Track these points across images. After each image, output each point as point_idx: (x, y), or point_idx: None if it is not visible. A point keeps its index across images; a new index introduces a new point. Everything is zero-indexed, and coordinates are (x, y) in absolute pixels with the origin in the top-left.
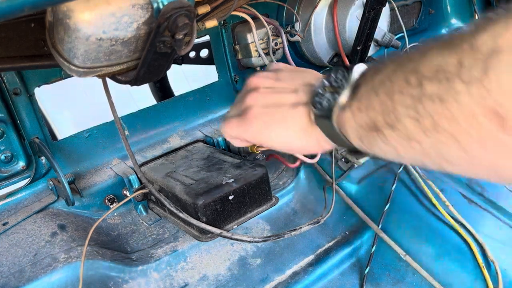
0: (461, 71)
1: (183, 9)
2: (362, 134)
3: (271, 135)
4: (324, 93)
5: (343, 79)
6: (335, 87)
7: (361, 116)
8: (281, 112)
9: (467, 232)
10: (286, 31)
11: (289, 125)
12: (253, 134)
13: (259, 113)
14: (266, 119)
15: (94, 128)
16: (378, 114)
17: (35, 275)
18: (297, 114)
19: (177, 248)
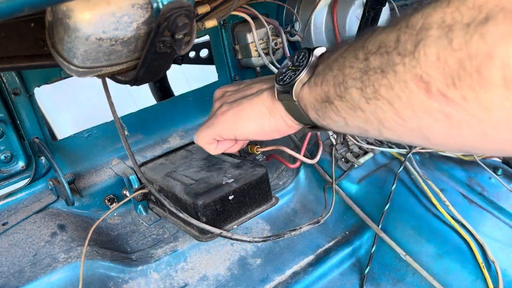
0: (398, 46)
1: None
2: (317, 106)
3: (241, 125)
4: (286, 72)
5: (303, 59)
6: (297, 65)
7: (316, 90)
8: (247, 100)
9: (467, 232)
10: (286, 31)
11: (256, 109)
12: (224, 129)
13: (227, 108)
14: (235, 110)
15: (94, 128)
16: (331, 87)
17: (35, 275)
18: (262, 98)
19: (177, 248)
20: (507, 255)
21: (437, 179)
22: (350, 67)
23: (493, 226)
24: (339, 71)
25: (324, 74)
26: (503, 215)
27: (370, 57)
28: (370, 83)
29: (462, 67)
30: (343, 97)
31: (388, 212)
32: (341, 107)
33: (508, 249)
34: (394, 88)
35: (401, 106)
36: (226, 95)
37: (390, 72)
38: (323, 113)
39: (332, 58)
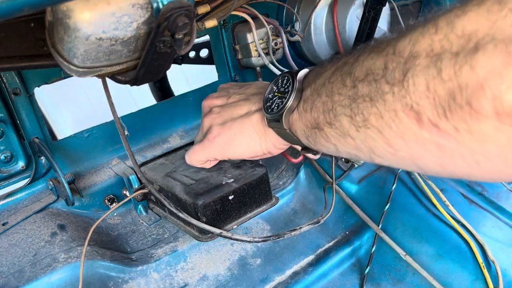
0: (386, 74)
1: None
2: (307, 132)
3: (235, 148)
4: (273, 98)
5: (288, 83)
6: (282, 92)
7: (306, 116)
8: (237, 124)
9: (467, 232)
10: (286, 31)
11: (247, 134)
12: (218, 152)
13: (219, 131)
14: (227, 135)
15: (94, 128)
16: (320, 113)
17: (35, 275)
18: (252, 121)
19: (177, 248)
20: (507, 255)
21: (437, 179)
22: (338, 94)
23: (493, 226)
24: (327, 98)
25: (313, 100)
26: (503, 215)
27: (358, 85)
28: (359, 111)
29: (453, 98)
30: (332, 124)
31: (388, 212)
32: (331, 134)
33: (508, 249)
34: (384, 117)
35: (392, 135)
36: (214, 112)
37: (380, 101)
38: (313, 139)
39: (319, 82)
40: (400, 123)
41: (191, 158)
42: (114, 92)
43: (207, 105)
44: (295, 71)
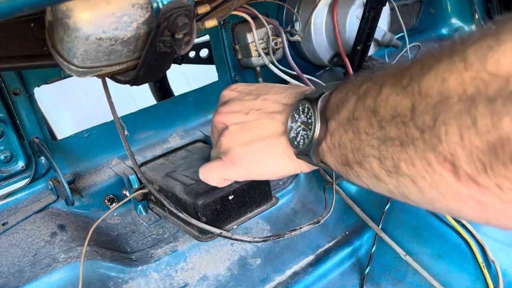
0: (415, 117)
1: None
2: (339, 168)
3: (264, 171)
4: (297, 129)
5: (310, 113)
6: (305, 122)
7: (335, 152)
8: (266, 146)
9: (468, 232)
10: (286, 30)
11: (279, 157)
12: (243, 175)
13: (243, 153)
14: (254, 158)
15: (93, 128)
16: (349, 151)
17: (35, 275)
18: (282, 144)
19: (177, 248)
20: (507, 255)
21: None
22: (365, 133)
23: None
24: (354, 136)
25: (340, 135)
26: None
27: (385, 126)
28: (389, 155)
29: (494, 153)
30: (362, 164)
31: (388, 212)
32: (361, 174)
33: (508, 249)
34: (416, 165)
35: (426, 185)
36: (233, 131)
37: (410, 147)
38: (345, 174)
39: (343, 115)
40: (433, 173)
41: (208, 176)
42: (114, 92)
43: (221, 122)
44: (314, 98)
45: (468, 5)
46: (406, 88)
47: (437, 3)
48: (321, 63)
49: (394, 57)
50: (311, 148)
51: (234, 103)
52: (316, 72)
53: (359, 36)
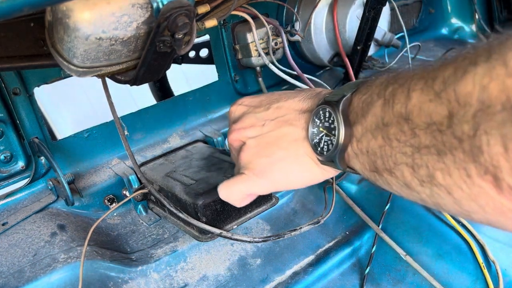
0: (452, 125)
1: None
2: (367, 174)
3: (291, 180)
4: (320, 135)
5: (332, 118)
6: (328, 128)
7: (363, 158)
8: (288, 156)
9: (468, 232)
10: (286, 30)
11: (305, 164)
12: (269, 186)
13: (266, 164)
14: (277, 168)
15: (93, 128)
16: (378, 158)
17: (35, 276)
18: (304, 153)
19: (177, 248)
20: (508, 255)
21: None
22: (397, 140)
23: None
24: (384, 142)
25: (368, 141)
26: None
27: (419, 133)
28: (423, 163)
29: None
30: (392, 172)
31: (388, 212)
32: (391, 182)
33: (508, 249)
34: (453, 175)
35: (463, 197)
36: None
37: (448, 155)
38: (374, 181)
39: (370, 120)
40: (472, 185)
41: (230, 193)
42: (114, 92)
43: (237, 139)
44: (334, 101)
45: (468, 5)
46: (439, 94)
47: (437, 3)
48: (321, 63)
49: (394, 57)
50: (337, 155)
51: (246, 117)
52: (316, 72)
53: (359, 36)
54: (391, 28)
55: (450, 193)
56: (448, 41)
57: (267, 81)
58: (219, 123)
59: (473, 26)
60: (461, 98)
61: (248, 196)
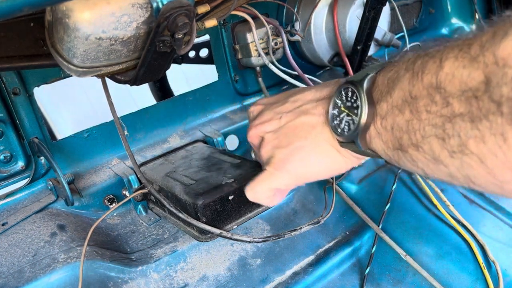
0: (490, 89)
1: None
2: (389, 153)
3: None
4: (340, 115)
5: (354, 97)
6: (349, 107)
7: (386, 135)
8: (309, 142)
9: (468, 232)
10: (286, 30)
11: (325, 152)
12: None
13: (286, 155)
14: (299, 157)
15: (93, 128)
16: (404, 133)
17: (35, 276)
18: (326, 136)
19: (176, 248)
20: (508, 255)
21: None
22: (427, 111)
23: (493, 226)
24: (412, 115)
25: (393, 117)
26: (504, 215)
27: (453, 102)
28: (455, 132)
29: None
30: (419, 146)
31: (388, 212)
32: (417, 158)
33: (508, 249)
34: (487, 142)
35: (497, 165)
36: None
37: (483, 122)
38: (397, 160)
39: (396, 95)
40: (509, 150)
41: (256, 193)
42: (114, 92)
43: (256, 135)
44: (358, 80)
45: (468, 5)
46: (476, 58)
47: (437, 3)
48: (321, 63)
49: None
50: (358, 134)
51: (264, 113)
52: (316, 72)
53: (359, 36)
54: (391, 28)
55: (483, 162)
56: None
57: (267, 81)
58: (219, 123)
59: (473, 26)
60: (500, 60)
61: (277, 192)
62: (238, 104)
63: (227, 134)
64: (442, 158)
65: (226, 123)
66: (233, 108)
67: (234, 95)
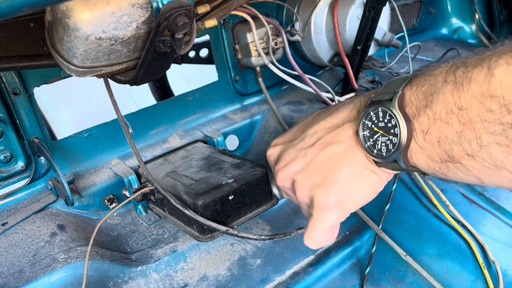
0: None
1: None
2: (435, 166)
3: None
4: (374, 136)
5: (388, 117)
6: (384, 127)
7: (431, 149)
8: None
9: (468, 232)
10: (286, 30)
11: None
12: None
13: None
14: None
15: (93, 128)
16: (455, 144)
17: (35, 276)
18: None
19: (176, 248)
20: (508, 255)
21: (438, 179)
22: (482, 120)
23: (493, 226)
24: (464, 126)
25: (438, 130)
26: (504, 215)
27: None
28: None
29: None
30: (476, 156)
31: (388, 212)
32: (472, 167)
33: (508, 249)
34: None
35: None
36: (301, 180)
37: None
38: (444, 172)
39: (438, 108)
40: None
41: (317, 239)
42: (114, 92)
43: (285, 179)
44: (387, 99)
45: (468, 5)
46: None
47: (437, 3)
48: (321, 63)
49: (394, 57)
50: (401, 153)
51: (286, 154)
52: (316, 72)
53: (359, 36)
54: (391, 28)
55: None
56: (448, 41)
57: (267, 81)
58: (219, 123)
59: (473, 26)
60: None
61: (333, 228)
62: (238, 104)
63: (227, 134)
64: (508, 165)
65: (226, 123)
66: (233, 108)
67: (234, 95)
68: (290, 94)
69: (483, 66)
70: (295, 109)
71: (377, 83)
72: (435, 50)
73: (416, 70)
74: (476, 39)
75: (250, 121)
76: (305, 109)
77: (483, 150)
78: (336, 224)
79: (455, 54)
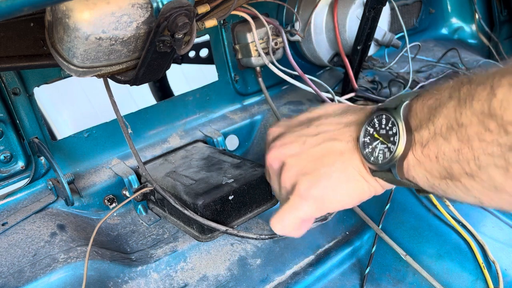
0: None
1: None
2: (433, 181)
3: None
4: (373, 143)
5: (390, 124)
6: (384, 135)
7: (431, 164)
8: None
9: (468, 232)
10: (286, 30)
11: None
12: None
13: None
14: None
15: (93, 128)
16: (454, 162)
17: (34, 276)
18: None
19: (176, 248)
20: (508, 255)
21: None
22: (480, 140)
23: (493, 226)
24: (462, 144)
25: (437, 145)
26: (504, 215)
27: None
28: None
29: None
30: (475, 176)
31: (388, 212)
32: (472, 187)
33: (508, 249)
34: None
35: None
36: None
37: None
38: (444, 189)
39: (439, 122)
40: None
41: (285, 225)
42: (114, 92)
43: (276, 157)
44: (393, 107)
45: (468, 5)
46: None
47: (437, 3)
48: (321, 63)
49: (394, 57)
50: (396, 162)
51: (286, 135)
52: (316, 72)
53: (359, 36)
54: (391, 28)
55: None
56: (448, 41)
57: (267, 81)
58: (219, 123)
59: (473, 26)
60: None
61: (304, 222)
62: (238, 104)
63: (227, 134)
64: (508, 187)
65: (226, 123)
66: (233, 108)
67: (234, 95)
68: (290, 94)
69: (486, 85)
70: (295, 109)
71: (377, 83)
72: (435, 50)
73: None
74: (476, 39)
75: (250, 121)
76: (305, 109)
77: (482, 171)
78: (307, 219)
79: (455, 54)
